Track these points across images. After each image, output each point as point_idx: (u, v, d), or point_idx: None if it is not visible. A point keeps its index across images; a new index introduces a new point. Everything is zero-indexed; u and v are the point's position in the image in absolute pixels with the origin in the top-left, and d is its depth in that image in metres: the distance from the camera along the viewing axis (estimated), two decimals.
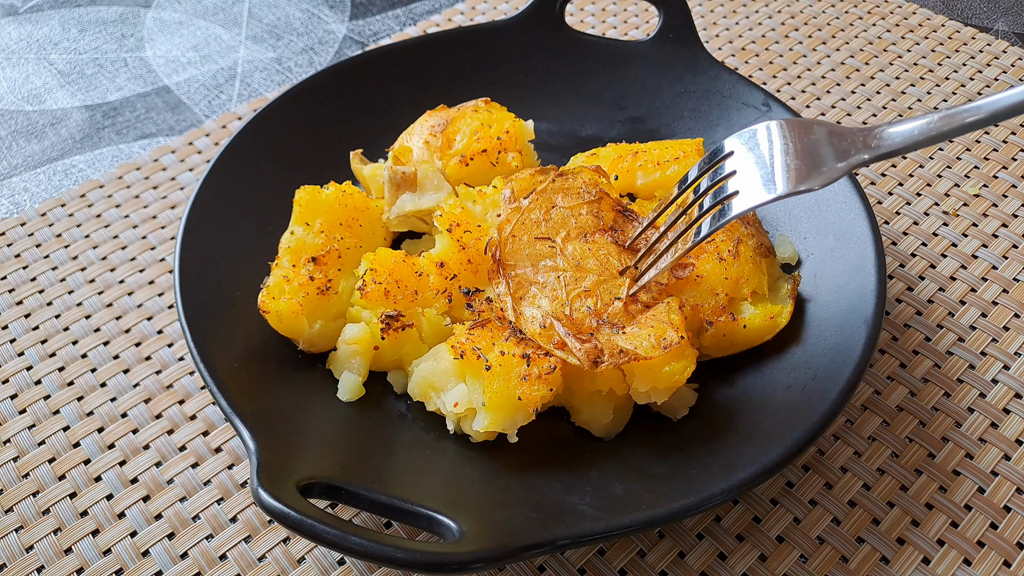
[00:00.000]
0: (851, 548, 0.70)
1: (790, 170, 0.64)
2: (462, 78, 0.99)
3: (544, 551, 0.58)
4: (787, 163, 0.64)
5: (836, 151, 0.64)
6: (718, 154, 0.69)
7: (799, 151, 0.65)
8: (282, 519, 0.56)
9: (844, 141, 0.64)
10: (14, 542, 0.71)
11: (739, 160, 0.68)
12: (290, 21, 1.28)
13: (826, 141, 0.64)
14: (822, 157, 0.64)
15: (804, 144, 0.65)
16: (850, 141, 0.64)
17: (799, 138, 0.65)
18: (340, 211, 0.79)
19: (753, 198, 0.65)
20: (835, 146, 0.64)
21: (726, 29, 1.22)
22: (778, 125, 0.67)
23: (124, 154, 1.07)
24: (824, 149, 0.64)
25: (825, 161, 0.63)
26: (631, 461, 0.70)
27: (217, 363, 0.70)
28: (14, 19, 1.28)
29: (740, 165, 0.67)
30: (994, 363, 0.82)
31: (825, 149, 0.64)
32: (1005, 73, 1.13)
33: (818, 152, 0.64)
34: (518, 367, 0.67)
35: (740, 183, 0.66)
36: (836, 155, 0.63)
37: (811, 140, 0.65)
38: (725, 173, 0.68)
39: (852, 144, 0.63)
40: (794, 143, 0.65)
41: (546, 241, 0.75)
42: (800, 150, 0.65)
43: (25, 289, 0.90)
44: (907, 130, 0.62)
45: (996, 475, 0.74)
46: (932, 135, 0.60)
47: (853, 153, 0.63)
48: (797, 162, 0.64)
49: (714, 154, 0.70)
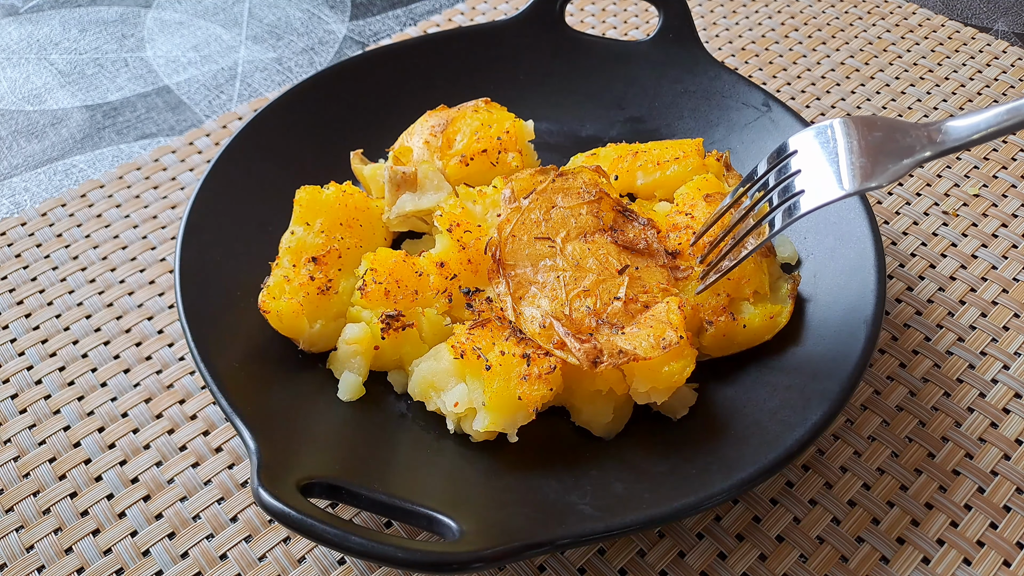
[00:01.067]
0: (851, 548, 0.70)
1: (856, 168, 0.64)
2: (462, 78, 0.99)
3: (544, 551, 0.58)
4: (852, 161, 0.64)
5: (900, 147, 0.63)
6: (783, 152, 0.69)
7: (863, 148, 0.64)
8: (282, 519, 0.57)
9: (908, 137, 0.64)
10: (14, 542, 0.71)
11: (803, 159, 0.67)
12: (290, 21, 1.28)
13: (890, 137, 0.64)
14: (887, 154, 0.64)
15: (868, 141, 0.65)
16: (914, 137, 0.63)
17: (863, 135, 0.65)
18: (340, 211, 0.80)
19: (820, 196, 0.65)
20: (899, 142, 0.64)
21: (726, 29, 1.22)
22: (841, 123, 0.67)
23: (124, 154, 1.07)
24: (888, 146, 0.64)
25: (890, 158, 0.63)
26: (631, 461, 0.70)
27: (217, 363, 0.70)
28: (14, 19, 1.28)
29: (805, 164, 0.67)
30: (994, 363, 0.82)
31: (889, 146, 0.64)
32: (1005, 73, 1.13)
33: (882, 149, 0.64)
34: (518, 367, 0.67)
35: (806, 182, 0.66)
36: (900, 151, 0.63)
37: (874, 137, 0.65)
38: (790, 172, 0.67)
39: (916, 140, 0.63)
40: (858, 140, 0.65)
41: (546, 241, 0.76)
42: (864, 147, 0.64)
43: (26, 289, 0.90)
44: (972, 124, 0.61)
45: (996, 475, 0.74)
46: (997, 129, 0.60)
47: (918, 149, 0.63)
48: (862, 160, 0.64)
49: (779, 152, 0.70)
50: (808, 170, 0.67)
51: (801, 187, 0.66)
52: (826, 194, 0.65)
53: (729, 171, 0.87)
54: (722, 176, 0.86)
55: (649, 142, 0.90)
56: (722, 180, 0.85)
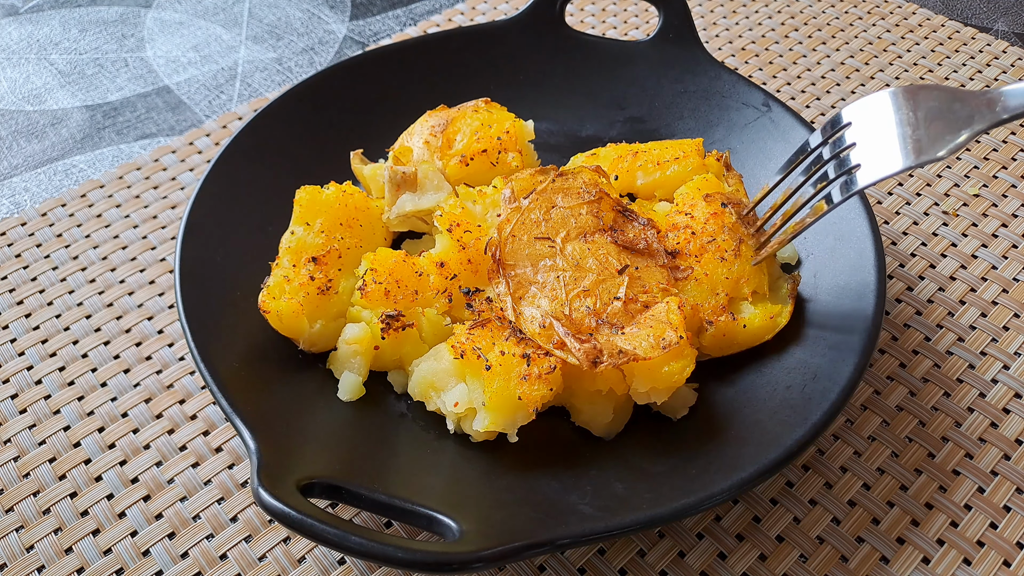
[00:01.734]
0: (851, 548, 0.70)
1: (913, 141, 0.62)
2: (462, 78, 0.99)
3: (544, 551, 0.58)
4: (909, 134, 0.63)
5: (958, 118, 0.62)
6: (837, 124, 0.68)
7: (920, 120, 0.63)
8: (282, 519, 0.56)
9: (966, 107, 0.62)
10: (14, 542, 0.71)
11: (859, 131, 0.66)
12: (290, 21, 1.28)
13: (947, 108, 0.63)
14: (945, 125, 0.62)
15: (925, 112, 0.63)
16: (972, 106, 0.62)
17: (919, 106, 0.64)
18: (340, 211, 0.80)
19: (877, 171, 0.64)
20: (956, 112, 0.62)
21: (726, 29, 1.22)
22: (895, 94, 0.65)
23: (124, 154, 1.07)
24: (946, 116, 0.62)
25: (948, 129, 0.62)
26: (631, 461, 0.70)
27: (217, 363, 0.70)
28: (14, 19, 1.28)
29: (860, 136, 0.65)
30: (994, 363, 0.82)
31: (947, 116, 0.62)
32: (1005, 73, 1.13)
33: (940, 120, 0.62)
34: (518, 367, 0.67)
35: (862, 155, 0.65)
36: (959, 122, 0.62)
37: (931, 108, 0.63)
38: (846, 144, 0.66)
39: (975, 109, 0.62)
40: (914, 112, 0.63)
41: (546, 241, 0.76)
42: (921, 119, 0.63)
43: (26, 289, 0.90)
44: None
45: (996, 475, 0.74)
46: None
47: (976, 119, 0.61)
48: (919, 132, 0.62)
49: (833, 124, 0.68)
50: (864, 143, 0.65)
51: (857, 161, 0.65)
52: (884, 168, 0.63)
53: (729, 171, 0.87)
54: (722, 176, 0.86)
55: (649, 142, 0.90)
56: (722, 180, 0.85)
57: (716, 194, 0.80)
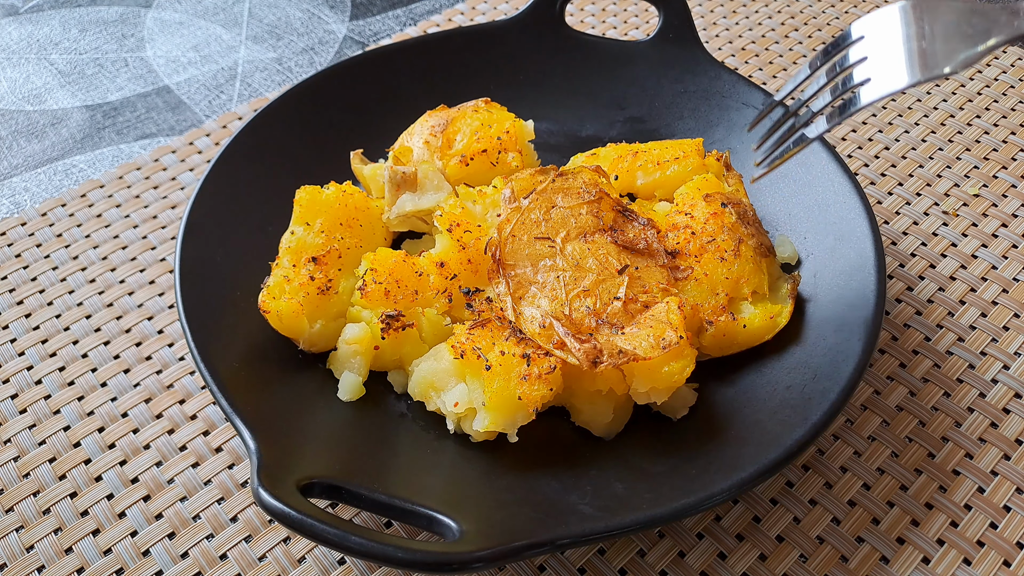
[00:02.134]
0: (851, 548, 0.70)
1: (923, 55, 0.60)
2: (462, 78, 0.99)
3: (544, 551, 0.58)
4: (920, 47, 0.61)
5: (976, 31, 0.59)
6: (847, 39, 0.66)
7: (935, 33, 0.61)
8: (282, 519, 0.57)
9: (985, 20, 0.60)
10: (14, 542, 0.71)
11: (869, 45, 0.64)
12: (290, 21, 1.28)
13: (965, 21, 0.60)
14: (960, 38, 0.60)
15: (940, 25, 0.61)
16: (992, 20, 0.59)
17: (935, 19, 0.61)
18: (340, 211, 0.80)
19: (884, 86, 0.62)
20: (974, 26, 0.60)
21: (726, 29, 1.22)
22: (909, 6, 0.63)
23: (124, 154, 1.07)
24: (962, 29, 0.60)
25: (964, 42, 0.59)
26: (631, 461, 0.70)
27: (217, 363, 0.70)
28: (14, 19, 1.28)
29: (871, 51, 0.63)
30: (994, 363, 0.82)
31: (963, 29, 0.60)
32: (1005, 73, 1.13)
33: (955, 33, 0.60)
34: (518, 367, 0.67)
35: (870, 70, 0.63)
36: (975, 35, 0.59)
37: (948, 21, 0.61)
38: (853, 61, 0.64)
39: (994, 23, 0.59)
40: (929, 24, 0.61)
41: (546, 241, 0.76)
42: (936, 32, 0.61)
43: (26, 289, 0.90)
44: None
45: (996, 475, 0.74)
46: None
47: (994, 32, 0.59)
48: (932, 46, 0.60)
49: (842, 39, 0.66)
50: (874, 57, 0.63)
51: (865, 76, 0.63)
52: (890, 84, 0.61)
53: (729, 171, 0.87)
54: (722, 176, 0.86)
55: (649, 142, 0.90)
56: (722, 180, 0.85)
57: (716, 194, 0.80)
